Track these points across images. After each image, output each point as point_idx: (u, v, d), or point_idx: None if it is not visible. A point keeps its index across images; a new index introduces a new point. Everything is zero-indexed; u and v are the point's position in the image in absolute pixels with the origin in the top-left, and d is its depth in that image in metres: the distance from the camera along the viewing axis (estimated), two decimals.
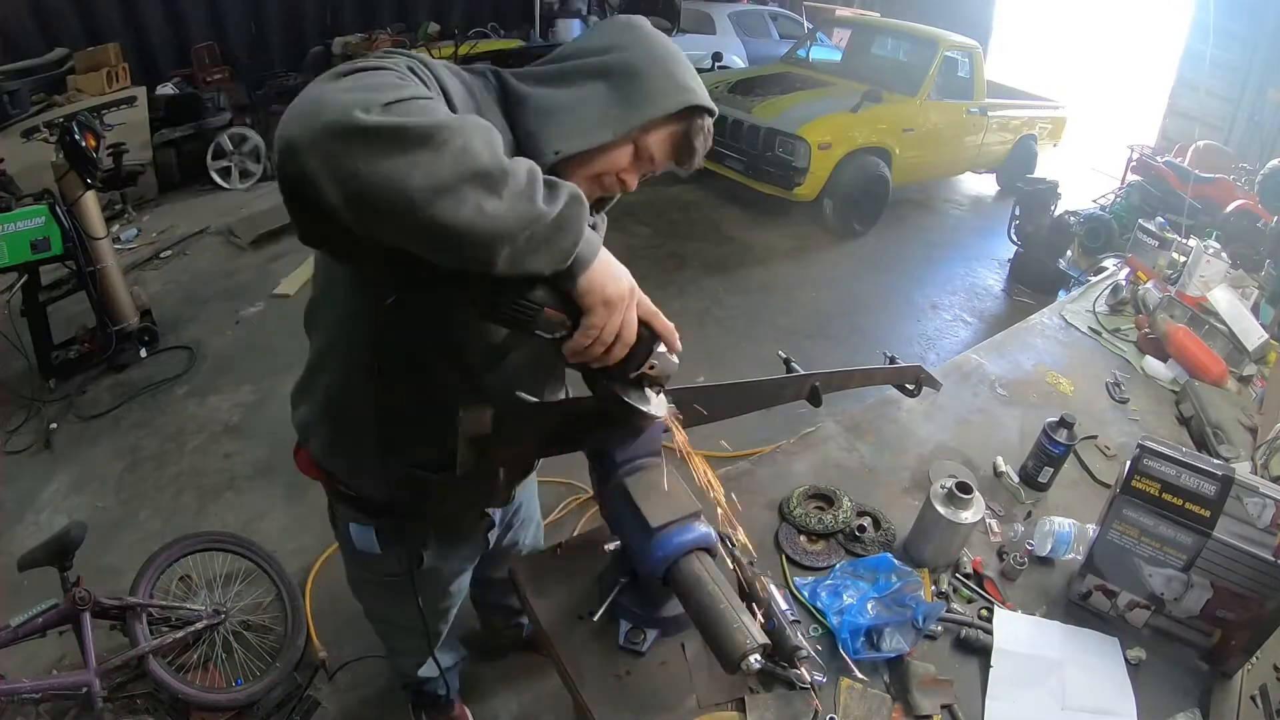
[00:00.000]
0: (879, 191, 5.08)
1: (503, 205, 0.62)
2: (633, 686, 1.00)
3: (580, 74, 0.86)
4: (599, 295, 0.71)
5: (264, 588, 2.03)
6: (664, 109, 0.86)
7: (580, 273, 0.70)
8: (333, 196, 0.60)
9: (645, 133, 0.87)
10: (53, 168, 2.90)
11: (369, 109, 0.59)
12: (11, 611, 1.62)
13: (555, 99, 0.85)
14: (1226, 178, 3.92)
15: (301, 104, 0.62)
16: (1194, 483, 1.04)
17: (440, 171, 0.59)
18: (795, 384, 1.21)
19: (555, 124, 0.84)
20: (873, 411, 1.64)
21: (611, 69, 0.85)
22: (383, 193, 0.58)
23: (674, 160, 0.93)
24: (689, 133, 0.90)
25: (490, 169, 0.61)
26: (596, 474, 1.01)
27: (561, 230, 0.67)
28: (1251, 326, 2.03)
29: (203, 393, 3.02)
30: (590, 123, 0.84)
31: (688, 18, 7.71)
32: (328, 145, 0.58)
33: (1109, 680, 1.08)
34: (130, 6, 5.72)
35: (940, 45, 5.24)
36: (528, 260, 0.65)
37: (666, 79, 0.86)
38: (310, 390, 1.04)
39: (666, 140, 0.90)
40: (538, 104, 0.85)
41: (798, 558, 1.23)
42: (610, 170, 0.89)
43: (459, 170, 0.60)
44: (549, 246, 0.66)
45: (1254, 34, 5.28)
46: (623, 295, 0.73)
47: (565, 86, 0.86)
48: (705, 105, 0.89)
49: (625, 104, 0.85)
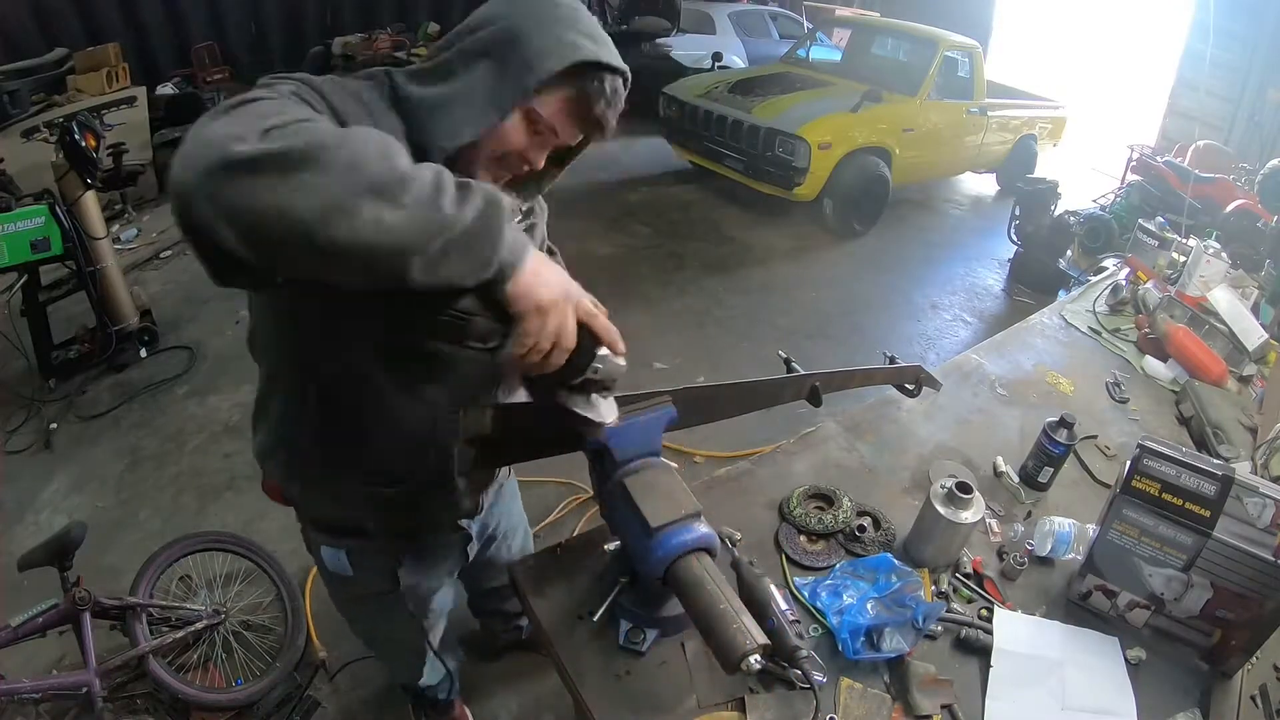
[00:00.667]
0: (879, 191, 5.08)
1: (404, 215, 0.58)
2: (633, 686, 1.00)
3: (463, 57, 0.81)
4: (530, 301, 0.68)
5: (264, 588, 2.03)
6: (549, 69, 0.78)
7: (508, 279, 0.66)
8: (227, 236, 0.57)
9: (535, 101, 0.80)
10: (53, 168, 2.89)
11: (244, 139, 0.56)
12: (11, 611, 1.62)
13: (439, 93, 0.80)
14: (1226, 178, 3.92)
15: (185, 146, 0.59)
16: (1194, 483, 1.04)
17: (329, 190, 0.56)
18: (795, 384, 1.21)
19: (440, 119, 0.79)
20: (873, 411, 1.64)
21: (493, 42, 0.79)
22: (274, 223, 0.56)
23: (578, 127, 0.85)
24: (586, 94, 0.82)
25: (384, 179, 0.58)
26: (596, 474, 1.01)
27: (478, 236, 0.63)
28: (1251, 326, 2.03)
29: (203, 393, 3.02)
30: (476, 108, 0.79)
31: (688, 18, 7.71)
32: (211, 185, 0.56)
33: (1109, 680, 1.08)
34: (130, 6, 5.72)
35: (940, 45, 5.24)
36: (442, 270, 0.62)
37: (549, 37, 0.79)
38: (262, 416, 1.03)
39: (561, 104, 0.82)
40: (424, 100, 0.80)
41: (798, 558, 1.23)
42: (508, 148, 0.83)
43: (349, 186, 0.57)
44: (466, 254, 0.63)
45: (1254, 34, 5.28)
46: (556, 300, 0.69)
47: (450, 75, 0.80)
48: (602, 61, 0.81)
49: (507, 76, 0.78)
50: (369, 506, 1.05)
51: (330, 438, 0.97)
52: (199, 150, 0.57)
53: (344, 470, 1.00)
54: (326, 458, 1.00)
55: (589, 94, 0.82)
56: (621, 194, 5.42)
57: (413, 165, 0.61)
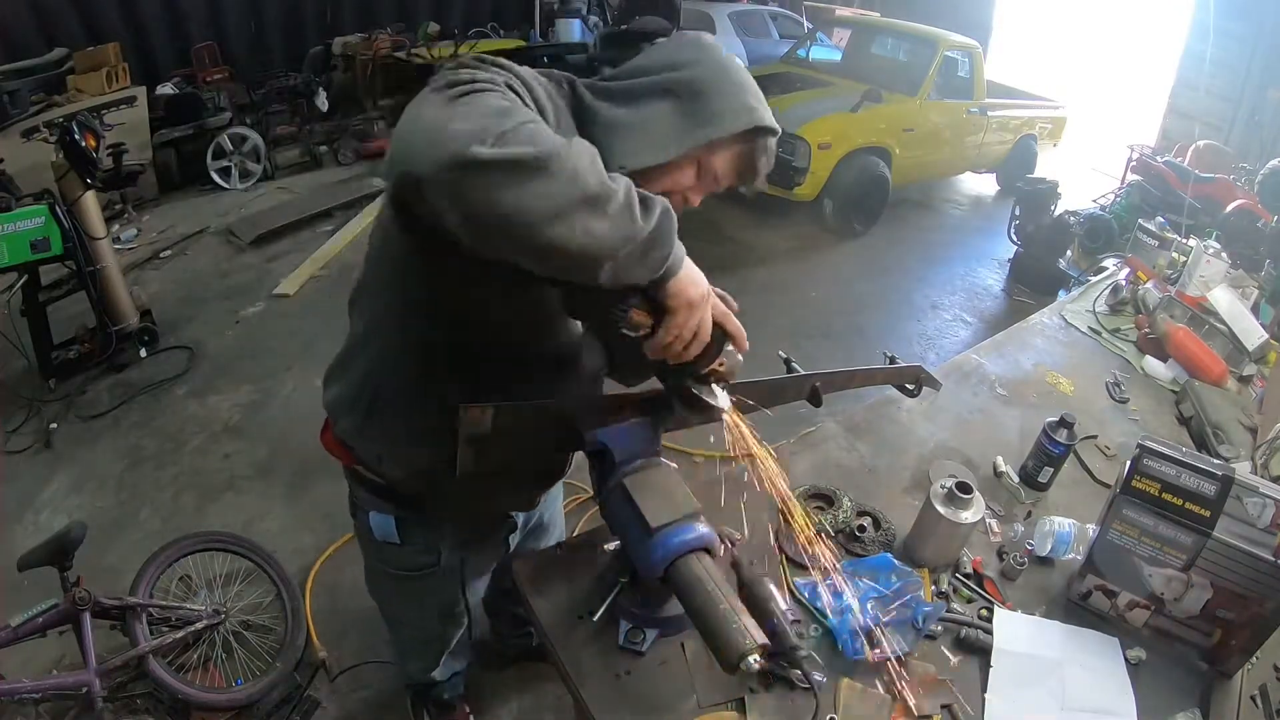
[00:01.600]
0: (879, 191, 5.08)
1: (606, 225, 0.66)
2: (633, 686, 1.00)
3: (648, 91, 0.88)
4: (683, 298, 0.77)
5: (264, 588, 2.03)
6: (729, 129, 0.87)
7: (670, 279, 0.76)
8: (454, 223, 0.65)
9: (710, 152, 0.89)
10: (53, 168, 2.90)
11: (486, 141, 0.62)
12: (11, 611, 1.62)
13: (623, 115, 0.88)
14: (1226, 178, 3.92)
15: (416, 130, 0.66)
16: (1194, 483, 1.04)
17: (555, 198, 0.63)
18: (795, 384, 1.21)
19: (622, 139, 0.86)
20: (873, 411, 1.64)
21: (679, 87, 0.87)
22: (504, 221, 0.63)
23: (737, 179, 0.94)
24: (753, 152, 0.92)
25: (597, 192, 0.66)
26: (596, 474, 1.01)
27: (656, 243, 0.72)
28: (1251, 326, 2.03)
29: (203, 393, 3.02)
30: (656, 140, 0.86)
31: (688, 18, 7.70)
32: (451, 178, 0.62)
33: (1109, 680, 1.08)
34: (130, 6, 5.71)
35: (940, 45, 5.24)
36: (627, 273, 0.71)
37: (732, 99, 0.88)
38: (346, 371, 1.04)
39: (731, 159, 0.91)
40: (606, 119, 0.88)
41: (798, 558, 1.23)
42: (675, 188, 0.90)
43: (570, 196, 0.64)
44: (646, 259, 0.72)
45: (1254, 34, 5.28)
46: (704, 297, 0.79)
47: (633, 103, 0.88)
48: (770, 126, 0.91)
49: (691, 122, 0.86)
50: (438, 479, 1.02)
51: (424, 407, 0.97)
52: (436, 140, 0.63)
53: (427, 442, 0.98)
54: (414, 426, 1.00)
55: (755, 152, 0.92)
56: None
57: (612, 177, 0.69)
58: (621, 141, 0.86)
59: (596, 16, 7.49)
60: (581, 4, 7.41)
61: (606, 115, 0.88)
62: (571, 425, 0.97)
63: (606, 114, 0.88)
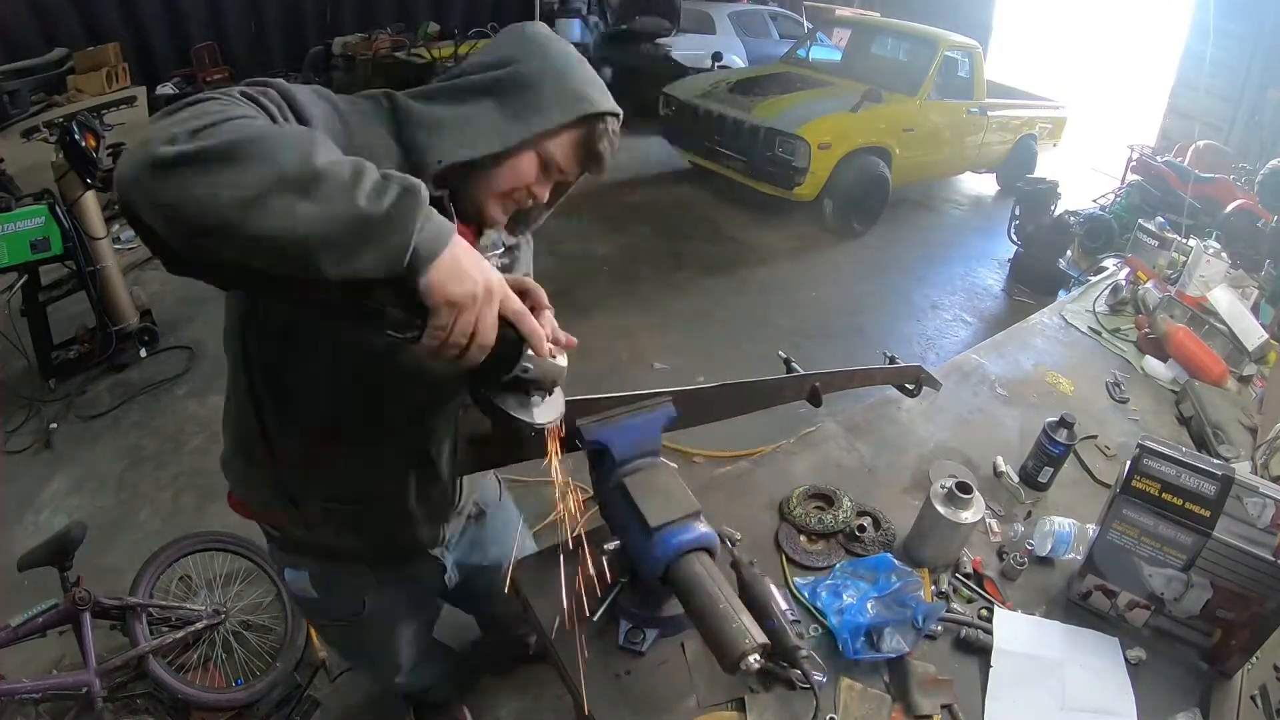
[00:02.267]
0: (879, 191, 5.09)
1: (314, 208, 0.60)
2: (633, 686, 1.00)
3: (470, 90, 0.86)
4: (440, 295, 0.66)
5: (264, 588, 2.03)
6: (555, 121, 0.85)
7: (421, 272, 0.65)
8: (158, 228, 0.61)
9: (544, 142, 0.87)
10: (53, 168, 2.89)
11: (174, 140, 0.60)
12: (11, 611, 1.62)
13: (443, 114, 0.85)
14: (1226, 178, 3.92)
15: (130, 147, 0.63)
16: (1194, 483, 1.04)
17: (244, 184, 0.59)
18: (795, 384, 1.21)
19: (440, 136, 0.83)
20: (873, 411, 1.64)
21: (500, 84, 0.85)
22: (196, 216, 0.59)
23: (581, 167, 0.92)
24: (591, 138, 0.89)
25: (296, 173, 0.60)
26: (596, 474, 1.01)
27: (389, 227, 0.62)
28: (1251, 326, 2.03)
29: (203, 393, 3.02)
30: (478, 134, 0.83)
31: (688, 18, 7.71)
32: (144, 181, 0.60)
33: (1109, 680, 1.08)
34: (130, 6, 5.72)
35: (940, 45, 5.25)
36: (354, 262, 0.62)
37: (557, 90, 0.85)
38: (226, 423, 1.02)
39: (569, 147, 0.89)
40: (424, 118, 0.85)
41: (798, 558, 1.23)
42: (518, 184, 0.88)
43: (262, 179, 0.59)
44: (376, 246, 0.62)
45: (1254, 34, 5.28)
46: (471, 294, 0.67)
47: (454, 103, 0.86)
48: (604, 110, 0.88)
49: (513, 118, 0.84)
50: (329, 525, 1.03)
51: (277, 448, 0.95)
52: (136, 148, 0.61)
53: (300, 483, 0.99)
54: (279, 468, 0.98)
55: (593, 138, 0.89)
56: (622, 194, 5.41)
57: (333, 160, 0.62)
58: (440, 139, 0.83)
59: (596, 16, 7.49)
60: (581, 4, 7.42)
61: (423, 114, 0.85)
62: (571, 424, 0.97)
63: (424, 113, 0.85)
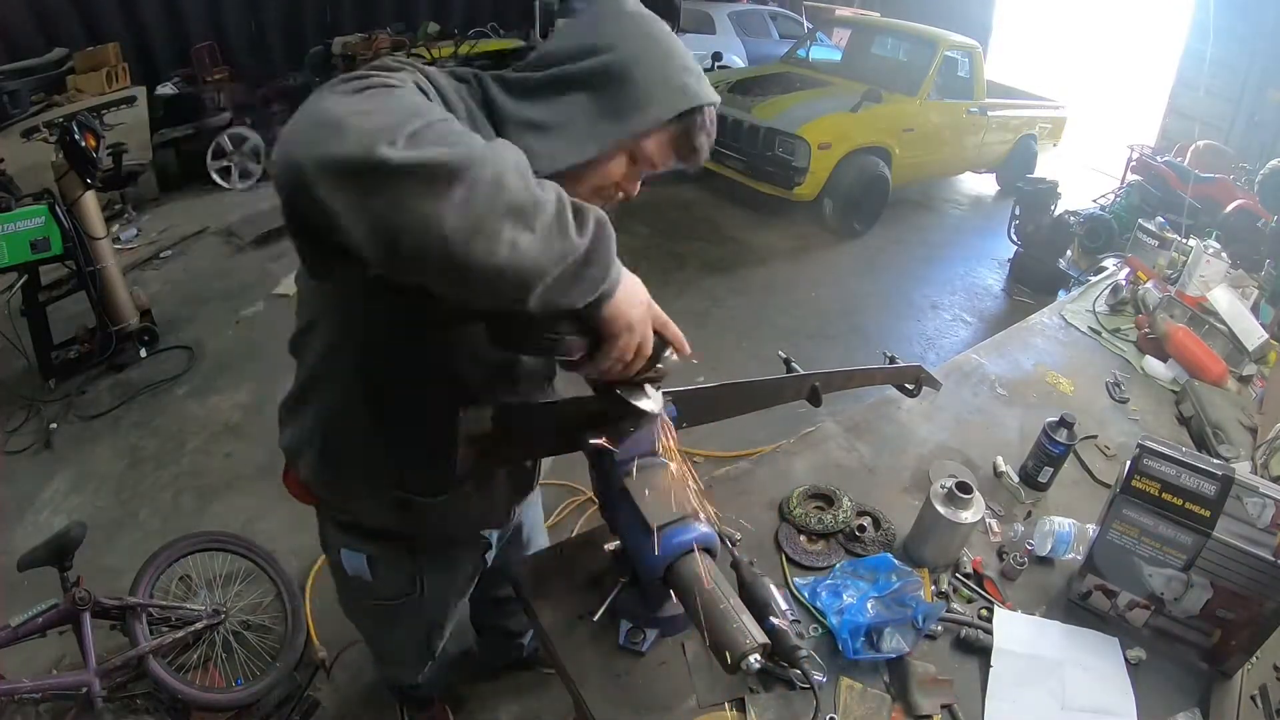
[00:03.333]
0: (879, 191, 5.08)
1: (536, 241, 0.57)
2: (633, 686, 1.00)
3: (563, 84, 0.79)
4: (623, 321, 0.68)
5: (264, 588, 2.03)
6: (656, 118, 0.79)
7: (607, 300, 0.67)
8: (357, 235, 0.55)
9: (639, 140, 0.81)
10: (53, 168, 2.89)
11: (394, 141, 0.53)
12: (11, 611, 1.62)
13: (538, 113, 0.79)
14: (1226, 178, 3.92)
15: (311, 124, 0.56)
16: (1194, 483, 1.04)
17: (475, 210, 0.54)
18: (795, 384, 1.21)
19: (539, 140, 0.77)
20: (873, 411, 1.64)
21: (595, 76, 0.78)
22: (416, 235, 0.54)
23: (676, 161, 0.87)
24: (689, 132, 0.83)
25: (524, 202, 0.57)
26: (596, 474, 1.01)
27: (592, 261, 0.63)
28: (1251, 326, 2.03)
29: (203, 393, 3.02)
30: (575, 138, 0.78)
31: (688, 18, 7.70)
32: (350, 181, 0.53)
33: (1109, 680, 1.08)
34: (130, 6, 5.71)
35: (940, 45, 5.24)
36: (560, 296, 0.62)
37: (657, 82, 0.79)
38: (299, 414, 1.01)
39: (665, 143, 0.84)
40: (519, 118, 0.79)
41: (798, 558, 1.23)
42: (607, 182, 0.84)
43: (493, 207, 0.55)
44: (580, 280, 0.63)
45: (1254, 34, 5.27)
46: (645, 316, 0.71)
47: (547, 99, 0.79)
48: (706, 100, 0.82)
49: (612, 116, 0.78)
50: (404, 514, 1.02)
51: (378, 445, 0.95)
52: (333, 135, 0.54)
53: (387, 478, 0.98)
54: (371, 463, 0.97)
55: (691, 132, 0.83)
56: None
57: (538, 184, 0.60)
58: (543, 143, 0.77)
59: None
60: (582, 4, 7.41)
61: (520, 115, 0.79)
62: (571, 425, 0.97)
63: (520, 113, 0.79)
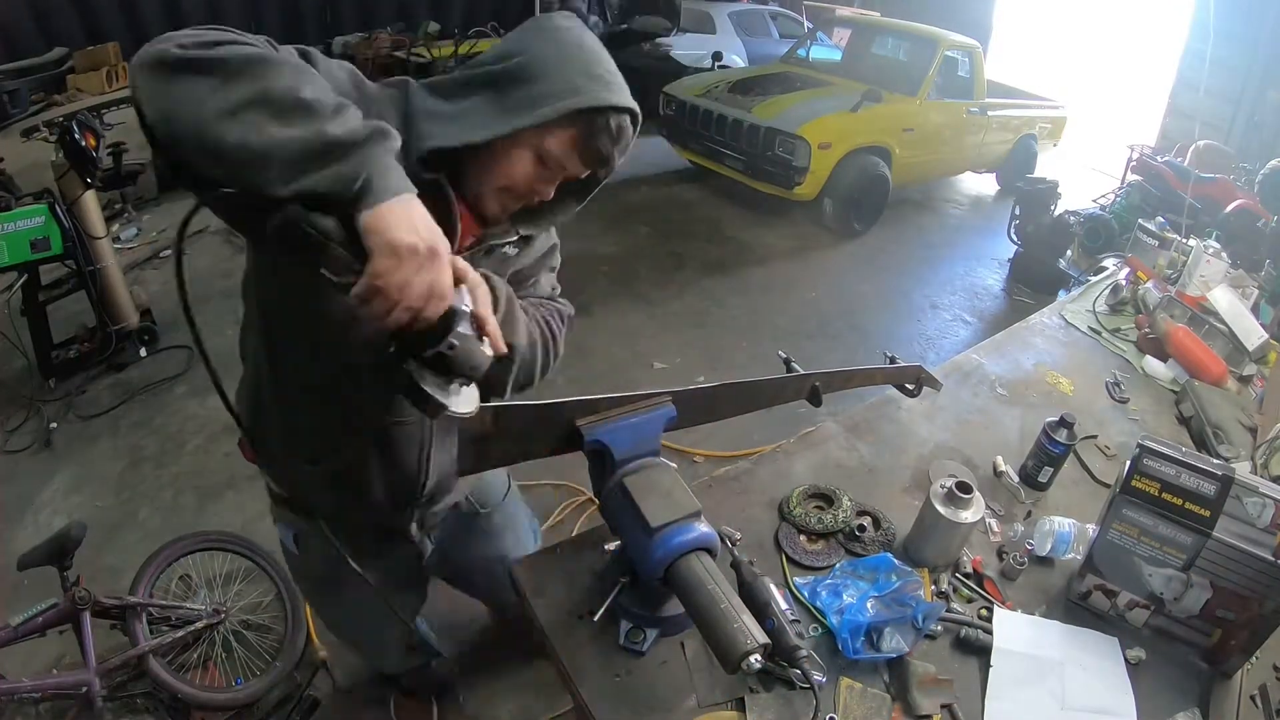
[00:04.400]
0: (879, 191, 5.09)
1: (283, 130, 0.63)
2: (633, 686, 1.00)
3: (473, 83, 0.85)
4: (383, 237, 0.64)
5: (264, 587, 2.03)
6: (541, 117, 0.81)
7: (366, 206, 0.64)
8: (150, 119, 0.65)
9: (542, 138, 0.84)
10: (52, 167, 2.89)
11: (187, 46, 0.64)
12: (11, 611, 1.62)
13: (443, 106, 0.85)
14: (1226, 178, 3.93)
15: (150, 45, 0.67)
16: (1194, 483, 1.04)
17: (230, 97, 0.63)
18: (795, 384, 1.21)
19: (435, 124, 0.83)
20: (873, 411, 1.64)
21: (499, 77, 0.84)
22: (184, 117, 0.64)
23: (584, 165, 0.88)
24: (589, 135, 0.84)
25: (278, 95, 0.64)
26: (596, 474, 1.01)
27: (349, 154, 0.64)
28: (1251, 326, 2.03)
29: (203, 392, 3.01)
30: (466, 126, 0.82)
31: (688, 17, 7.72)
32: (145, 73, 0.64)
33: (1109, 680, 1.08)
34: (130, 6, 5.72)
35: (940, 45, 5.25)
36: (301, 174, 0.63)
37: (554, 83, 0.82)
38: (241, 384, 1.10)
39: (568, 144, 0.85)
40: (427, 109, 0.85)
41: (798, 557, 1.23)
42: (512, 180, 0.87)
43: (246, 95, 0.63)
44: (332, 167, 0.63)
45: (1254, 34, 5.28)
46: (414, 248, 0.65)
47: (456, 97, 0.85)
48: (608, 104, 0.83)
49: (504, 110, 0.82)
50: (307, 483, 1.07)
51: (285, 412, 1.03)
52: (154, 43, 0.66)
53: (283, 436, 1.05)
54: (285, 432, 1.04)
55: (590, 134, 0.85)
56: (622, 193, 5.41)
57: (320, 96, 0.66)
58: (434, 126, 0.83)
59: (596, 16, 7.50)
60: (582, 3, 7.42)
61: (426, 108, 0.85)
62: (571, 424, 0.97)
63: (427, 107, 0.85)
